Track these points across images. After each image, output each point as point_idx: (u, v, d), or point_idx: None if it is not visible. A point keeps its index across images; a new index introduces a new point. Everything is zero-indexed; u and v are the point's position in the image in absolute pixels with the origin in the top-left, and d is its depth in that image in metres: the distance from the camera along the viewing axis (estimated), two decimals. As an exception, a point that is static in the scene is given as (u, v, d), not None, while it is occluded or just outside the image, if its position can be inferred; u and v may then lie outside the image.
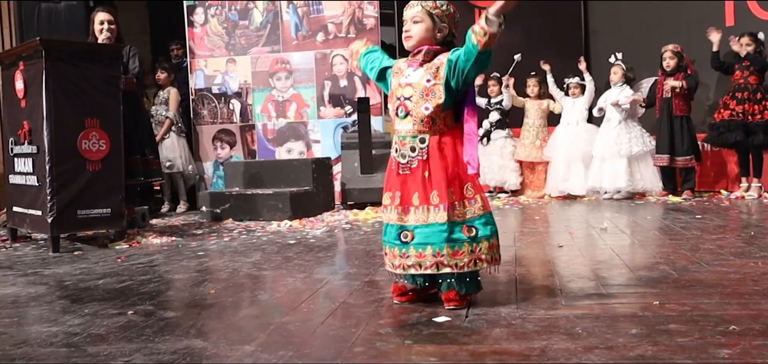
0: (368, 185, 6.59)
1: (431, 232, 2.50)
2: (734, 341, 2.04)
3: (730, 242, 3.84)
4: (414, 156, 2.55)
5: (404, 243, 2.55)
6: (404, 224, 2.55)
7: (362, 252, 4.10)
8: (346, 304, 2.75)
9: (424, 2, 2.58)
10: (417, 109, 2.55)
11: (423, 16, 2.57)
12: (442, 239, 2.49)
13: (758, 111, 6.12)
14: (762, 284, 2.76)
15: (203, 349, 2.19)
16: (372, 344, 2.17)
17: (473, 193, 2.54)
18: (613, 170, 6.73)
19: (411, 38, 2.59)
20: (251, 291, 3.10)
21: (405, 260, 2.55)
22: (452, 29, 2.62)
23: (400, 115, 2.59)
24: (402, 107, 2.59)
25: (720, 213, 5.32)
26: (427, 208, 2.51)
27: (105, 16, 5.24)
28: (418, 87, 2.55)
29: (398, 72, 2.65)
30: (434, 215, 2.50)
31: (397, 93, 2.61)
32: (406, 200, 2.56)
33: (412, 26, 2.59)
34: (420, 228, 2.52)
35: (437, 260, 2.50)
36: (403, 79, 2.61)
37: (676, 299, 2.58)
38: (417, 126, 2.55)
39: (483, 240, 2.53)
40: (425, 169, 2.52)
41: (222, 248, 4.51)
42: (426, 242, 2.51)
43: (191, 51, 7.61)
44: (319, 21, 7.36)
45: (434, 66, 2.55)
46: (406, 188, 2.56)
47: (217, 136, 7.62)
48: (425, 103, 2.54)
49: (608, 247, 3.89)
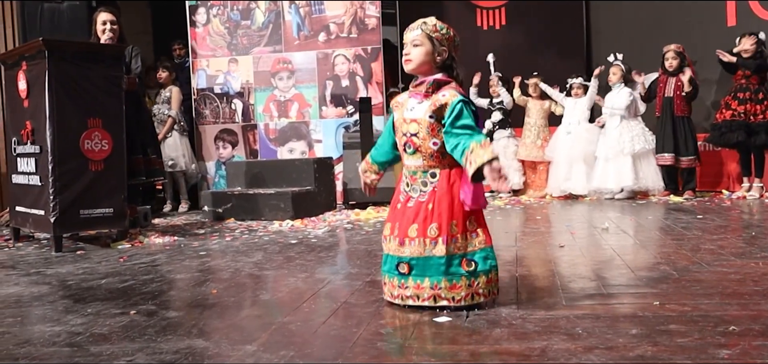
0: (370, 184, 6.58)
1: (429, 265, 2.51)
2: (734, 341, 2.05)
3: (731, 243, 3.85)
4: (426, 191, 2.54)
5: (402, 274, 2.56)
6: (401, 256, 2.55)
7: (364, 252, 4.11)
8: (347, 304, 2.76)
9: (424, 26, 2.58)
10: (425, 146, 2.53)
11: (423, 39, 2.56)
12: (439, 273, 2.49)
13: (760, 111, 6.12)
14: (762, 285, 2.77)
15: (205, 349, 2.20)
16: (373, 345, 2.18)
17: (475, 226, 2.53)
18: (617, 169, 6.73)
19: (411, 62, 2.58)
20: (253, 291, 3.11)
21: (403, 290, 2.57)
22: (452, 52, 2.60)
23: (409, 151, 2.57)
24: (410, 144, 2.56)
25: (721, 213, 5.32)
26: (424, 241, 2.51)
27: (107, 16, 5.27)
28: (423, 123, 2.52)
29: (399, 105, 2.64)
30: (431, 248, 2.50)
31: (403, 129, 2.59)
32: (403, 231, 2.55)
33: (411, 49, 2.58)
34: (417, 260, 2.52)
35: (435, 293, 2.51)
36: (407, 112, 2.58)
37: (676, 300, 2.58)
38: (427, 161, 2.55)
39: (481, 275, 2.51)
40: (430, 202, 2.52)
41: (224, 247, 4.52)
42: (424, 274, 2.52)
43: (193, 51, 7.63)
44: (320, 21, 7.37)
45: (438, 102, 2.51)
46: (406, 219, 2.56)
47: (220, 136, 7.64)
48: (433, 139, 2.52)
49: (610, 247, 3.89)
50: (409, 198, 2.57)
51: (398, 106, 2.65)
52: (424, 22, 2.60)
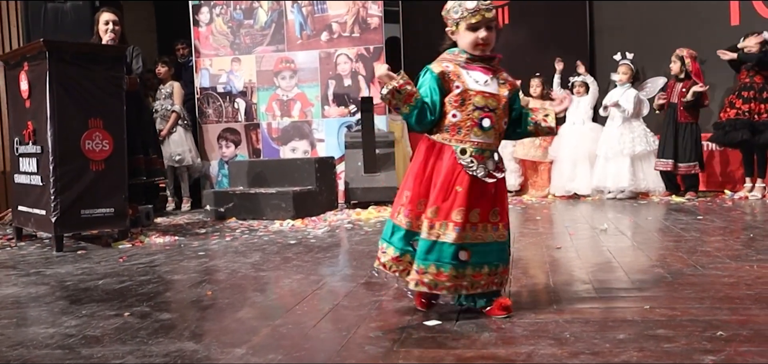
0: (371, 184, 6.62)
1: (490, 250, 2.42)
2: (720, 347, 2.05)
3: (728, 245, 3.84)
4: (491, 170, 2.42)
5: (462, 262, 2.38)
6: (463, 243, 2.37)
7: (361, 253, 4.12)
8: (340, 306, 2.77)
9: (492, 6, 2.46)
10: (500, 123, 2.45)
11: (495, 19, 2.47)
12: (500, 258, 2.45)
13: (764, 110, 6.10)
14: (754, 289, 2.76)
15: (195, 351, 2.22)
16: (362, 348, 2.19)
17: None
18: (616, 170, 6.73)
19: (489, 47, 2.46)
20: (248, 293, 3.13)
21: (459, 280, 2.40)
22: None
23: (485, 127, 2.41)
24: (487, 118, 2.41)
25: (722, 214, 5.31)
26: (486, 226, 2.40)
27: (109, 16, 5.30)
28: (501, 100, 2.45)
29: (455, 77, 2.43)
30: (492, 233, 2.42)
31: (476, 101, 2.41)
32: (465, 215, 2.37)
33: (489, 34, 2.44)
34: (479, 247, 2.39)
35: (491, 279, 2.44)
36: (476, 85, 2.43)
37: (667, 304, 2.58)
38: (496, 140, 2.46)
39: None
40: (493, 186, 2.42)
41: (223, 247, 4.55)
42: (484, 261, 2.41)
43: (196, 50, 7.66)
44: (323, 20, 7.38)
45: (510, 83, 2.50)
46: (471, 202, 2.38)
47: (222, 135, 7.66)
48: (505, 117, 2.48)
49: (606, 249, 3.89)
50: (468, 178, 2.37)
51: (453, 75, 2.44)
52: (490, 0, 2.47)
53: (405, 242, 2.45)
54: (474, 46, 2.43)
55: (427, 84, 2.45)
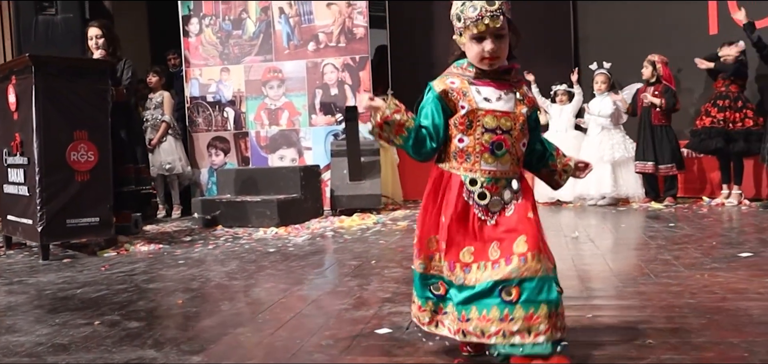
0: (356, 191, 6.74)
1: (542, 286, 1.91)
2: (645, 354, 2.17)
3: (688, 253, 3.95)
4: (508, 202, 2.03)
5: (508, 302, 1.91)
6: (508, 279, 1.91)
7: (334, 262, 4.25)
8: (301, 315, 2.90)
9: (503, 6, 2.00)
10: (517, 146, 2.06)
11: (506, 25, 2.01)
12: (550, 298, 1.92)
13: (739, 119, 6.21)
14: (697, 298, 2.88)
15: (154, 359, 2.35)
16: (310, 356, 2.32)
17: None
18: (597, 177, 6.84)
19: (498, 60, 2.03)
20: (217, 301, 3.25)
21: (508, 325, 1.90)
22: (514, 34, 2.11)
23: (499, 153, 2.03)
24: (501, 142, 2.03)
25: (694, 222, 5.42)
26: (536, 255, 1.92)
27: (94, 31, 5.44)
28: (518, 119, 2.04)
29: (460, 94, 2.06)
30: (535, 264, 1.91)
31: (487, 122, 2.03)
32: (508, 250, 1.96)
33: (497, 44, 2.01)
34: (530, 282, 1.90)
35: (552, 322, 1.91)
36: (487, 103, 2.04)
37: (610, 312, 2.71)
38: (513, 166, 2.06)
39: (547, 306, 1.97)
40: (522, 212, 2.01)
41: (204, 256, 4.68)
42: (538, 299, 1.90)
43: (186, 60, 7.81)
44: (310, 31, 7.52)
45: (529, 98, 2.10)
46: (485, 237, 2.01)
47: (212, 144, 7.81)
48: (523, 139, 2.08)
49: (569, 257, 4.01)
50: (485, 213, 2.03)
51: (458, 93, 2.06)
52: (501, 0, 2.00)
53: (422, 287, 2.14)
54: (480, 59, 2.03)
55: (428, 105, 2.09)
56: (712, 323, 2.49)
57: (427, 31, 8.09)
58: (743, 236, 4.55)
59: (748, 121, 6.19)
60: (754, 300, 2.81)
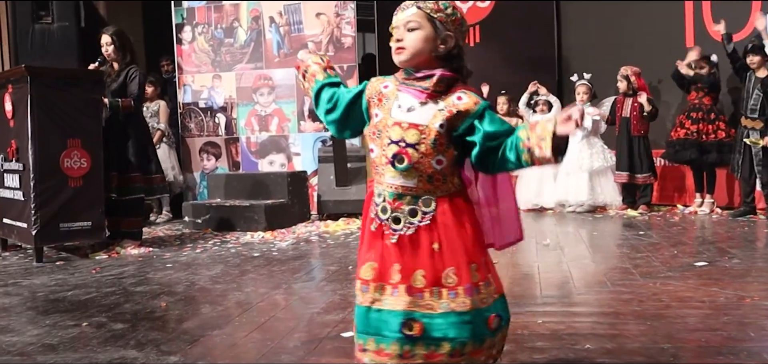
0: (343, 197, 6.95)
1: (449, 324, 1.84)
2: (581, 358, 2.39)
3: (648, 262, 4.17)
4: (414, 222, 1.89)
5: (409, 338, 1.84)
6: (412, 311, 1.84)
7: (314, 266, 4.47)
8: (274, 318, 3.12)
9: (421, 2, 1.92)
10: (426, 162, 1.88)
11: (421, 20, 1.90)
12: (464, 333, 1.84)
13: (712, 130, 6.43)
14: (643, 305, 3.10)
15: (135, 359, 2.56)
16: (278, 357, 2.54)
17: (487, 270, 1.93)
18: (576, 184, 7.06)
19: (404, 50, 1.91)
20: (199, 304, 3.47)
21: (409, 360, 1.85)
22: (459, 41, 1.94)
23: (399, 167, 1.88)
24: (404, 156, 1.88)
25: (664, 230, 5.64)
26: (439, 291, 1.85)
27: (104, 38, 5.57)
28: (429, 133, 1.87)
29: (382, 99, 1.96)
30: (449, 301, 1.84)
31: (393, 134, 1.90)
32: (407, 276, 1.87)
33: (405, 35, 1.91)
34: (431, 318, 1.84)
35: (454, 360, 1.85)
36: (402, 113, 1.91)
37: (558, 318, 2.92)
38: (422, 184, 1.89)
39: (501, 331, 1.95)
40: (433, 241, 1.87)
41: (191, 260, 4.89)
42: (444, 337, 1.84)
43: (179, 67, 8.01)
44: (299, 40, 7.73)
45: (455, 108, 1.87)
46: (406, 261, 1.88)
47: (204, 149, 8.02)
48: (438, 156, 1.88)
49: (535, 264, 4.22)
50: (386, 228, 1.91)
51: (381, 99, 1.96)
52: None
53: None
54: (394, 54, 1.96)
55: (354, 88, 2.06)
56: (649, 329, 2.71)
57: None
58: (704, 245, 4.77)
59: (721, 132, 6.41)
60: (695, 308, 3.03)
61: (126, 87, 5.53)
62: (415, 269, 1.87)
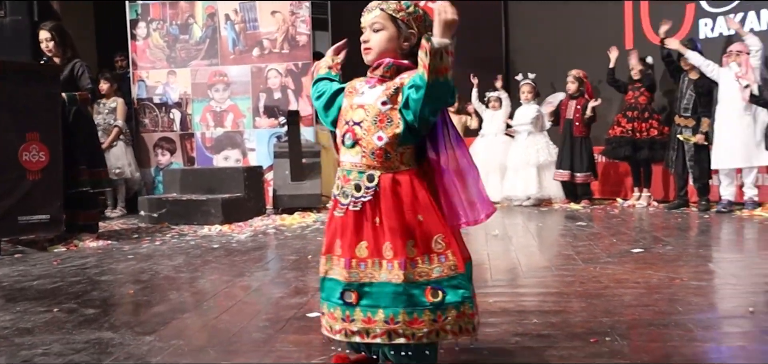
0: (298, 191, 7.11)
1: (383, 293, 2.00)
2: (528, 330, 2.63)
3: (589, 249, 4.46)
4: (358, 196, 2.04)
5: (348, 304, 2.04)
6: (349, 281, 2.03)
7: (274, 256, 4.63)
8: (241, 302, 3.28)
9: (384, 3, 2.09)
10: (368, 138, 2.05)
11: (385, 21, 2.07)
12: (397, 303, 1.99)
13: (645, 129, 6.82)
14: (585, 286, 3.36)
15: (111, 339, 2.70)
16: (250, 334, 2.71)
17: (444, 247, 2.02)
18: (524, 179, 7.37)
19: (371, 51, 2.10)
20: (166, 291, 3.60)
21: (349, 324, 2.04)
22: (422, 36, 2.02)
23: (347, 144, 2.08)
24: (349, 133, 2.08)
25: (604, 221, 5.98)
26: (379, 262, 2.02)
27: (43, 34, 5.64)
28: (371, 110, 2.05)
29: (352, 91, 2.15)
30: (388, 273, 2.00)
31: (346, 116, 2.11)
32: (350, 250, 2.04)
33: (371, 35, 2.09)
34: (369, 287, 2.02)
35: (390, 328, 1.99)
36: (357, 98, 2.10)
37: (508, 298, 3.17)
38: (365, 160, 2.05)
39: (450, 307, 2.01)
40: (376, 215, 2.03)
41: (152, 251, 4.99)
42: (376, 304, 2.01)
43: (134, 63, 8.04)
44: (254, 37, 7.86)
45: (393, 86, 2.05)
46: (349, 235, 2.05)
47: (159, 144, 8.07)
48: (379, 132, 2.03)
49: (485, 252, 4.47)
50: (336, 204, 2.09)
51: (352, 91, 2.16)
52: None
53: None
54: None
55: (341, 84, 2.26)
56: (589, 306, 2.97)
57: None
58: (641, 234, 5.10)
59: (653, 130, 6.80)
60: (630, 288, 3.31)
61: (73, 81, 5.59)
62: (360, 240, 2.04)
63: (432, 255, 2.02)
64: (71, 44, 5.78)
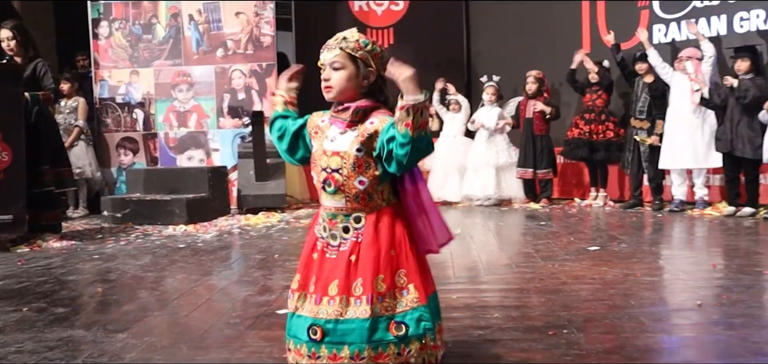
0: (262, 191, 7.16)
1: (349, 329, 2.06)
2: (490, 324, 2.75)
3: (548, 247, 4.62)
4: (347, 238, 2.13)
5: (314, 341, 2.09)
6: (317, 317, 2.09)
7: (241, 256, 4.69)
8: (210, 300, 3.35)
9: (344, 43, 2.12)
10: (350, 184, 2.12)
11: (344, 60, 2.11)
12: (363, 339, 2.06)
13: (601, 131, 7.04)
14: (544, 283, 3.51)
15: (83, 337, 2.75)
16: (220, 331, 2.78)
17: (406, 282, 2.11)
18: (483, 180, 7.52)
19: (331, 89, 2.12)
20: (135, 290, 3.64)
21: (315, 361, 2.10)
22: (380, 72, 2.14)
23: (329, 190, 2.14)
24: (330, 181, 2.13)
25: (563, 220, 6.16)
26: (347, 299, 2.08)
27: (4, 33, 5.60)
28: (348, 158, 2.11)
29: (319, 131, 2.20)
30: (355, 309, 2.07)
31: (322, 162, 2.15)
32: (323, 288, 2.11)
33: (331, 74, 2.12)
34: (335, 324, 2.07)
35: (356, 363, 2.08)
36: (328, 143, 2.15)
37: (470, 294, 3.30)
38: (350, 203, 2.13)
39: (414, 340, 2.08)
40: (353, 253, 2.11)
41: (117, 251, 5.00)
42: (342, 341, 2.07)
43: (96, 62, 8.00)
44: (218, 38, 7.88)
45: (366, 132, 2.10)
46: (325, 273, 2.13)
47: (121, 144, 8.03)
48: (359, 177, 2.11)
49: (447, 250, 4.57)
50: (326, 246, 2.16)
51: (317, 132, 2.21)
52: (345, 38, 2.14)
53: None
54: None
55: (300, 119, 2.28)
56: (548, 301, 3.11)
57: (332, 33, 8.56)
58: (598, 233, 5.29)
59: (610, 132, 7.02)
60: (587, 284, 3.46)
61: (35, 81, 5.57)
62: (332, 279, 2.10)
63: (395, 290, 2.09)
64: (33, 43, 5.76)
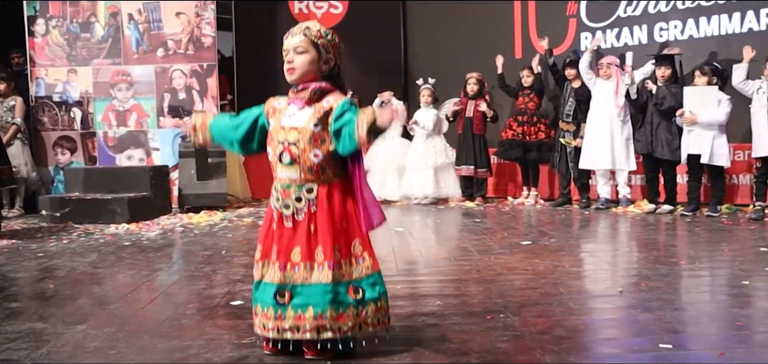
0: (203, 190, 7.24)
1: (313, 292, 2.31)
2: (433, 311, 2.98)
3: (483, 242, 4.89)
4: (300, 207, 2.35)
5: (281, 304, 2.33)
6: (283, 283, 2.33)
7: (189, 252, 4.80)
8: (166, 293, 3.47)
9: (307, 31, 2.36)
10: (304, 157, 2.34)
11: (307, 45, 2.34)
12: (325, 301, 2.30)
13: (534, 132, 7.40)
14: (481, 274, 3.76)
15: (44, 329, 2.84)
16: (179, 322, 2.92)
17: (361, 250, 2.38)
18: (421, 179, 7.78)
19: (294, 71, 2.35)
20: (86, 285, 3.72)
21: (281, 322, 2.33)
22: (337, 60, 2.41)
23: (285, 162, 2.36)
24: (287, 153, 2.35)
25: (497, 217, 6.47)
26: (311, 265, 2.32)
27: None
28: (305, 132, 2.34)
29: (277, 111, 2.43)
30: (318, 274, 2.31)
31: (280, 136, 2.38)
32: (285, 255, 2.35)
33: (295, 57, 2.35)
34: (301, 288, 2.32)
35: (319, 323, 2.30)
36: (286, 119, 2.38)
37: (412, 285, 3.52)
38: (304, 174, 2.35)
39: (370, 303, 2.36)
40: (311, 222, 2.34)
41: (61, 249, 5.02)
42: (307, 303, 2.31)
43: (32, 60, 7.89)
44: (159, 37, 7.90)
45: (322, 109, 2.34)
46: (285, 241, 2.36)
47: (58, 143, 7.95)
48: (314, 150, 2.33)
49: (390, 246, 4.81)
50: (281, 216, 2.38)
51: (275, 111, 2.44)
52: (307, 27, 2.37)
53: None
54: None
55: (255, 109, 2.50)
56: (485, 290, 3.37)
57: (272, 34, 8.71)
58: (529, 229, 5.61)
59: (541, 134, 7.40)
60: (520, 274, 3.74)
61: None
62: (294, 246, 2.34)
63: (352, 258, 2.36)
64: None
